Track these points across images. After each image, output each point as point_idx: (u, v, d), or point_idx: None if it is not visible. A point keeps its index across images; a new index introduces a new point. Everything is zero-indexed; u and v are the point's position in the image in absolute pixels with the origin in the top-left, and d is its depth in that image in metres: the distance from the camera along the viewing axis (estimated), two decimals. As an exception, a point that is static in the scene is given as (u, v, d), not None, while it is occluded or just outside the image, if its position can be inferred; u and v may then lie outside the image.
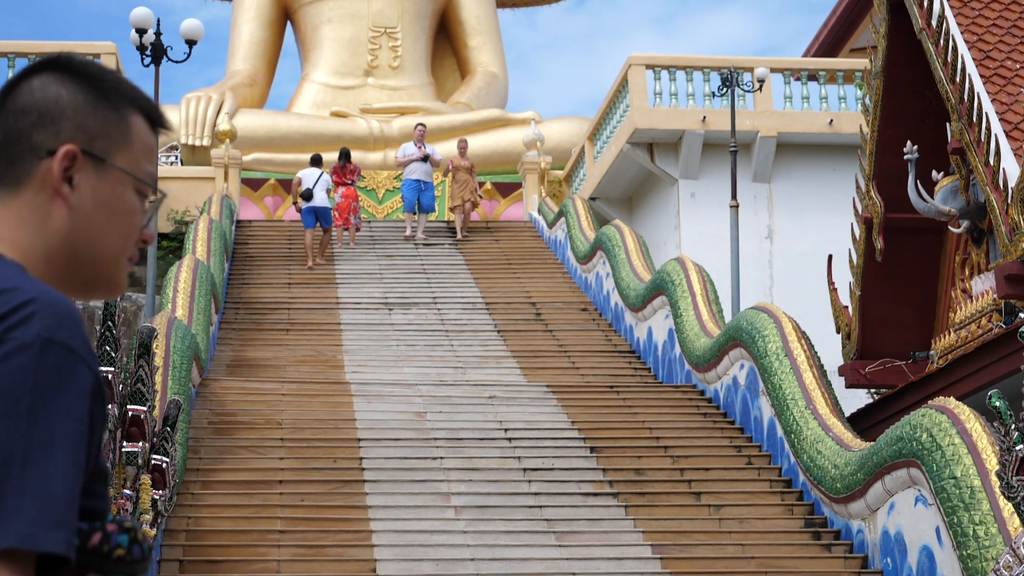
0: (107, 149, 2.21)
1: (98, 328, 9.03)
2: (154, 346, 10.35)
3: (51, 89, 2.21)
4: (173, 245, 27.84)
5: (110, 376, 8.77)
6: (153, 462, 10.02)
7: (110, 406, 8.97)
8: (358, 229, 25.64)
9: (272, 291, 22.59)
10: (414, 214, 26.18)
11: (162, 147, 30.60)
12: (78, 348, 2.05)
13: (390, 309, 21.57)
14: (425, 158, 26.24)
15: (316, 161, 25.25)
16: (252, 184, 30.90)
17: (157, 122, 2.31)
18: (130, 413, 9.31)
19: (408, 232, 26.05)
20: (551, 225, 26.49)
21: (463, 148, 27.06)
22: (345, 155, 25.91)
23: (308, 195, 24.50)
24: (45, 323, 2.02)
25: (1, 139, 2.19)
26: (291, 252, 25.12)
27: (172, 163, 31.36)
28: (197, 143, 31.50)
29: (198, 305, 17.55)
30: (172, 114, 31.03)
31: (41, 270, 2.17)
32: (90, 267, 2.22)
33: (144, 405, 9.41)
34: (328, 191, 24.77)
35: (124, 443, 9.24)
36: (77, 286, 2.25)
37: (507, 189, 31.95)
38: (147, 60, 22.68)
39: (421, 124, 27.44)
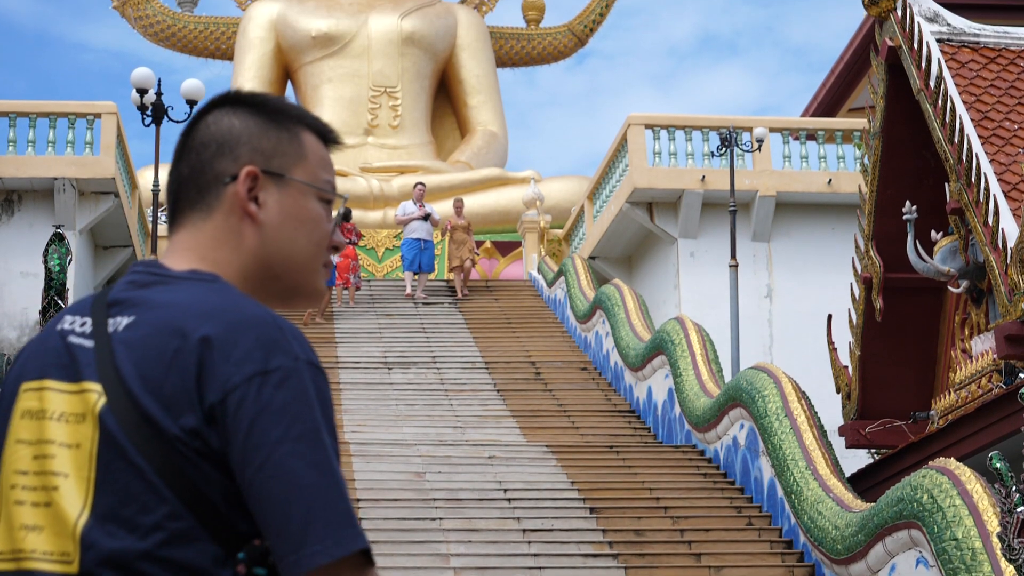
0: (284, 165, 2.38)
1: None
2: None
3: (224, 121, 2.39)
4: (172, 304, 27.83)
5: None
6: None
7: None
8: (358, 288, 25.65)
9: (271, 350, 22.56)
10: (414, 273, 26.18)
11: (163, 206, 30.61)
12: (317, 363, 2.23)
13: (389, 368, 21.54)
14: (425, 217, 26.25)
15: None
16: (252, 243, 30.91)
17: (328, 136, 2.48)
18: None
19: (408, 291, 26.05)
20: (551, 284, 26.50)
21: (459, 207, 27.09)
22: (345, 214, 25.93)
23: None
24: (289, 347, 2.21)
25: (188, 173, 2.38)
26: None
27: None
28: (197, 202, 31.55)
29: (197, 364, 17.53)
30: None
31: (240, 285, 2.34)
32: (287, 277, 2.38)
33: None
34: None
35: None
36: (277, 297, 2.40)
37: (507, 248, 31.98)
38: (148, 120, 22.77)
39: (421, 183, 27.49)
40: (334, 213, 2.47)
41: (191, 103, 23.17)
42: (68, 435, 2.23)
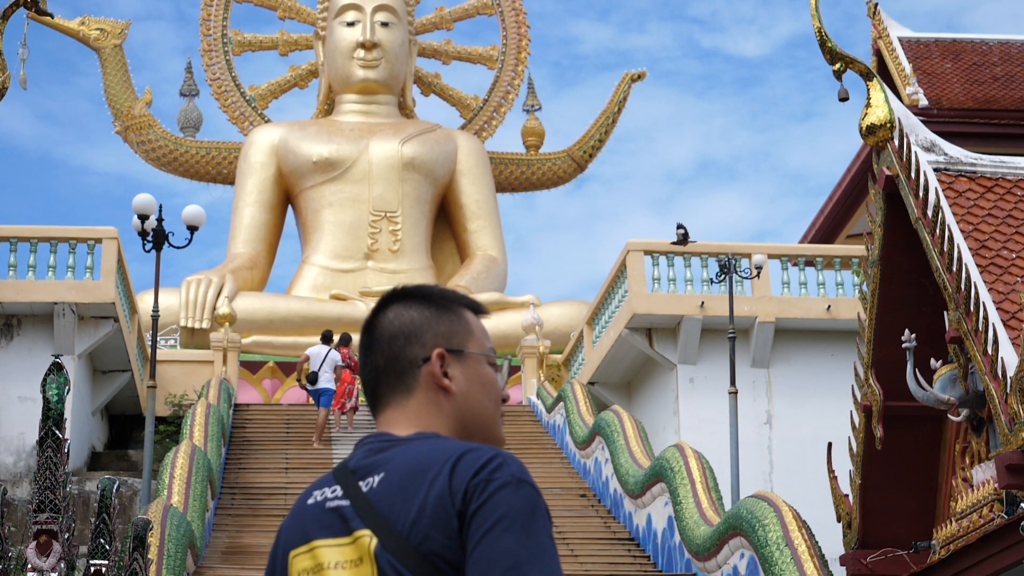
0: (461, 342, 2.88)
1: (92, 520, 8.95)
2: (149, 537, 10.25)
3: (405, 315, 2.89)
4: (170, 429, 27.75)
5: (103, 569, 8.67)
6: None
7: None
8: (355, 410, 25.58)
9: (269, 476, 22.46)
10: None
11: (162, 330, 30.66)
12: (535, 484, 2.69)
13: (387, 495, 21.42)
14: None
15: (326, 338, 25.33)
16: (251, 367, 30.90)
17: (480, 311, 2.98)
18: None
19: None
20: (550, 410, 26.43)
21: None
22: (345, 339, 25.98)
23: (313, 379, 24.54)
24: (512, 468, 2.68)
25: (384, 363, 2.86)
26: (288, 436, 25.04)
27: (172, 346, 31.39)
28: (197, 326, 31.57)
29: (194, 492, 17.45)
30: (171, 297, 31.14)
31: None
32: (478, 432, 2.86)
33: (137, 598, 9.29)
34: (336, 367, 24.78)
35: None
36: None
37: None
38: (148, 246, 22.80)
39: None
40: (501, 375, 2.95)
41: (192, 229, 23.26)
42: None
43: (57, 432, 8.48)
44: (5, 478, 24.81)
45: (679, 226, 25.28)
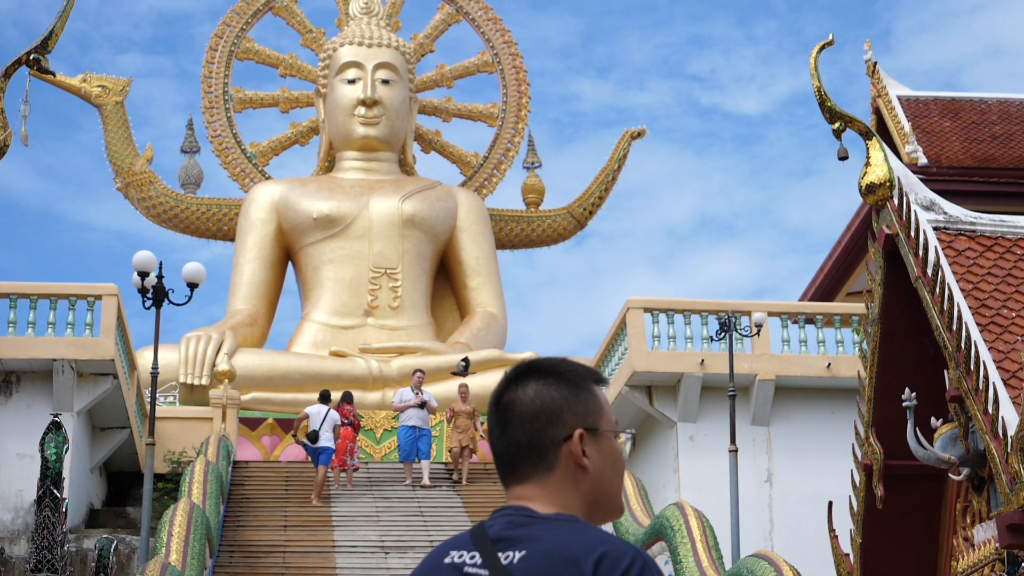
0: (595, 420, 3.00)
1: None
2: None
3: (546, 393, 3.00)
4: (169, 486, 27.67)
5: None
6: None
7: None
8: (355, 469, 25.51)
9: (267, 534, 22.38)
10: (411, 463, 25.89)
11: (161, 386, 30.62)
12: None
13: (386, 553, 21.34)
14: (422, 404, 26.14)
15: (324, 398, 25.29)
16: (250, 423, 30.83)
17: (603, 382, 3.10)
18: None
19: (408, 481, 25.73)
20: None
21: (464, 393, 26.90)
22: (347, 397, 25.96)
23: (314, 437, 24.51)
24: (649, 574, 2.80)
25: (526, 440, 2.98)
26: (287, 494, 24.96)
27: (171, 403, 31.34)
28: (196, 383, 31.52)
29: (192, 550, 17.38)
30: (171, 353, 31.12)
31: (580, 518, 2.94)
32: (606, 505, 3.01)
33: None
34: (336, 427, 24.76)
35: None
36: (594, 521, 2.99)
37: (505, 430, 31.82)
38: (148, 303, 22.78)
39: (420, 371, 27.43)
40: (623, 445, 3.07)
41: (192, 286, 23.25)
42: None
43: (55, 491, 8.47)
44: (3, 535, 24.73)
45: (464, 359, 26.01)
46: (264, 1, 39.08)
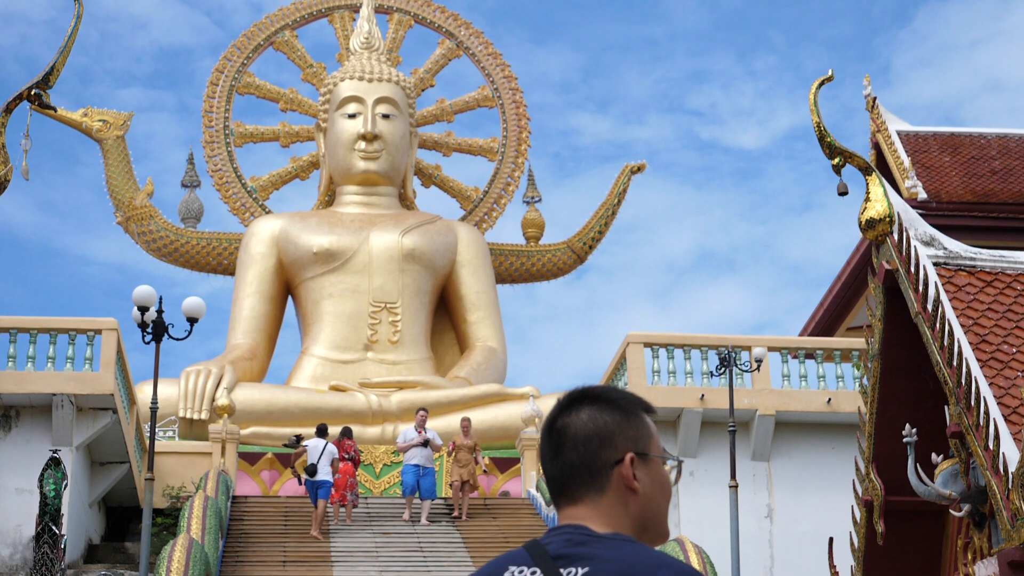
0: (645, 445, 3.15)
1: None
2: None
3: (600, 418, 3.13)
4: (168, 521, 27.60)
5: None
6: None
7: None
8: (355, 505, 25.46)
9: (266, 570, 22.31)
10: (414, 497, 25.85)
11: (161, 421, 30.57)
12: None
13: (386, 589, 21.25)
14: (425, 443, 26.06)
15: (322, 432, 25.24)
16: (249, 458, 30.78)
17: (652, 412, 3.26)
18: None
19: (407, 516, 25.70)
20: (550, 502, 26.29)
21: (466, 428, 26.82)
22: (347, 432, 25.91)
23: (312, 471, 24.46)
24: None
25: (579, 462, 3.10)
26: (287, 528, 24.90)
27: (170, 437, 31.28)
28: (195, 417, 31.48)
29: (191, 585, 17.32)
30: (170, 387, 31.09)
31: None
32: (653, 528, 3.12)
33: None
34: (333, 460, 24.73)
35: None
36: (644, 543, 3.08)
37: (505, 464, 31.80)
38: (148, 338, 22.76)
39: (423, 410, 27.36)
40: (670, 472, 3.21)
41: (192, 320, 23.23)
42: None
43: (54, 528, 8.44)
44: (1, 571, 24.66)
45: (296, 436, 26.16)
46: (265, 36, 39.19)
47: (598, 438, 3.11)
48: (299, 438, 26.45)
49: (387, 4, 40.09)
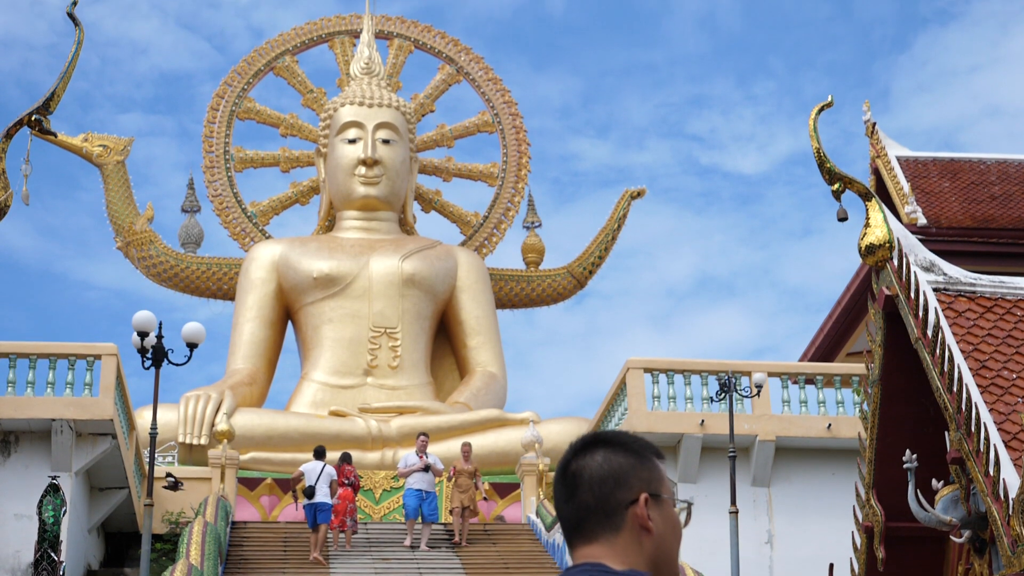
0: (657, 487, 3.20)
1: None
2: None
3: (613, 460, 3.21)
4: (167, 547, 27.54)
5: None
6: None
7: None
8: (354, 531, 25.40)
9: (266, 595, 22.25)
10: (416, 522, 25.78)
11: (160, 446, 30.53)
12: None
13: (385, 615, 21.20)
14: (427, 468, 25.99)
15: (319, 454, 25.19)
16: (249, 483, 30.73)
17: (661, 456, 3.29)
18: None
19: (408, 542, 25.63)
20: (549, 528, 26.26)
21: (467, 452, 26.76)
22: (346, 458, 25.85)
23: (311, 493, 24.40)
24: None
25: (594, 502, 3.18)
26: (286, 555, 24.84)
27: (170, 463, 31.24)
28: (195, 442, 31.44)
29: (190, 612, 17.27)
30: (170, 413, 31.06)
31: None
32: (665, 568, 3.18)
33: None
34: (332, 482, 24.64)
35: None
36: None
37: (505, 489, 31.75)
38: (148, 363, 22.73)
39: (424, 435, 27.31)
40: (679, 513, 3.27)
41: (192, 346, 23.20)
42: None
43: (52, 555, 8.42)
44: (0, 596, 24.59)
45: (175, 481, 26.31)
46: (265, 61, 39.26)
47: (613, 479, 3.20)
48: (175, 479, 26.74)
49: (387, 30, 40.18)
